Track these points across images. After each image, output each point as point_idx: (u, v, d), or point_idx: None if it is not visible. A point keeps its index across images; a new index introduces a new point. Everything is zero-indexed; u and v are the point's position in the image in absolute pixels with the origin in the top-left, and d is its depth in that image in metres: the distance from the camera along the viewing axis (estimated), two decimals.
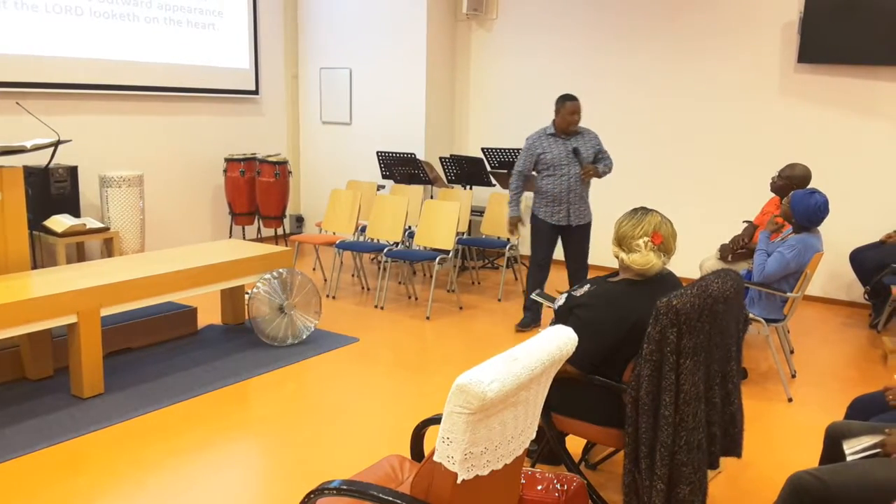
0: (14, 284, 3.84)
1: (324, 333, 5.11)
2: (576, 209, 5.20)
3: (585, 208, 5.27)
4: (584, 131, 5.19)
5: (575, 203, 5.19)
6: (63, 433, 3.51)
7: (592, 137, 5.20)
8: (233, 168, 7.49)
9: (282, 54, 8.32)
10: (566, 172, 5.11)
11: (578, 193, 5.18)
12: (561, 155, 5.12)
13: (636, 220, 2.75)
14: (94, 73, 6.56)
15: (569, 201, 5.17)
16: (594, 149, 5.18)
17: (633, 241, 2.72)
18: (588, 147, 5.16)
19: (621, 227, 2.76)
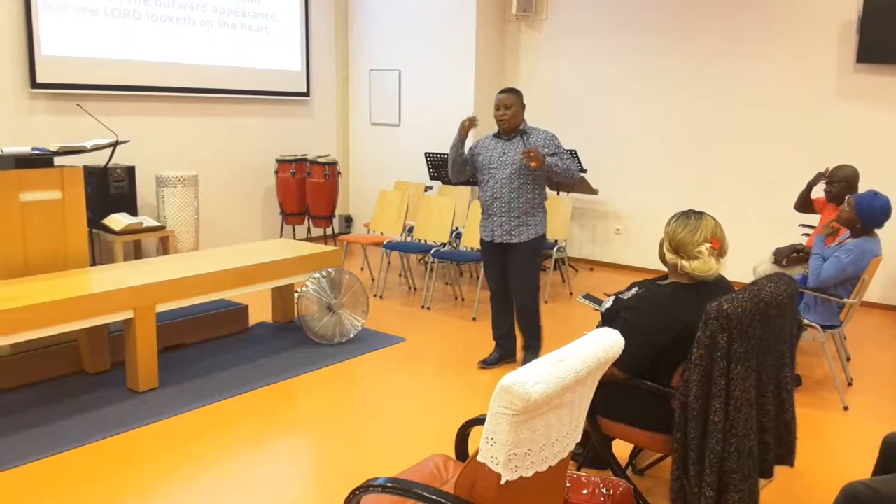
0: (73, 281, 3.97)
1: (371, 333, 5.16)
2: (502, 222, 4.25)
3: (519, 222, 4.24)
4: (533, 131, 4.24)
5: (501, 214, 4.25)
6: (118, 426, 3.62)
7: (545, 137, 4.23)
8: (284, 169, 7.61)
9: (333, 56, 8.43)
10: (492, 177, 4.25)
11: (506, 202, 4.22)
12: (492, 157, 4.27)
13: (692, 225, 2.68)
14: (151, 76, 6.74)
15: (493, 212, 4.28)
16: (544, 150, 4.18)
17: (693, 249, 2.66)
18: (540, 146, 4.21)
19: (677, 234, 2.69)
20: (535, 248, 4.31)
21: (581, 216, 7.66)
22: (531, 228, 4.26)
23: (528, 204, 4.24)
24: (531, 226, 4.26)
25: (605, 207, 7.52)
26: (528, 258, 4.30)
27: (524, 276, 4.32)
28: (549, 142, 4.22)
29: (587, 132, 7.53)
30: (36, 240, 4.12)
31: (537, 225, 4.29)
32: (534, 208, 4.26)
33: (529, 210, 4.24)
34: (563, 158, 4.21)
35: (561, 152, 4.22)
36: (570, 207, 6.48)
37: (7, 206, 4.00)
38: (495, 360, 4.59)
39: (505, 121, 4.18)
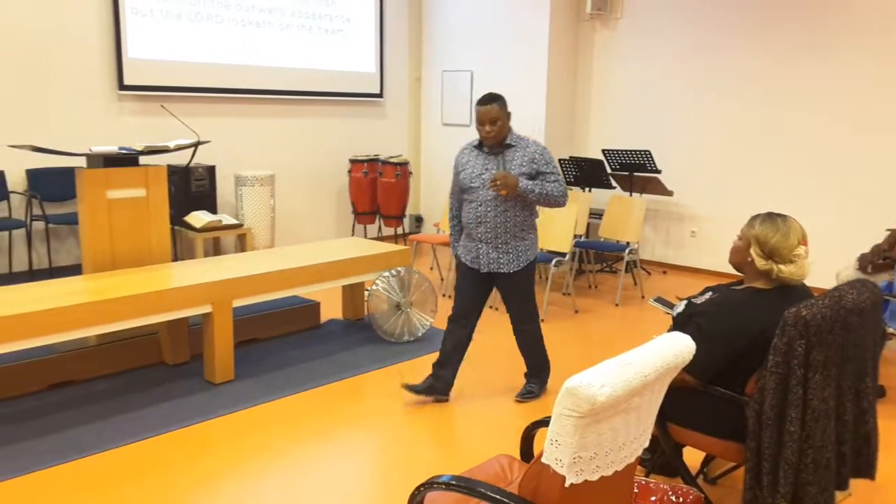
0: (156, 275, 4.14)
1: (439, 332, 5.18)
2: (488, 251, 3.76)
3: (507, 249, 3.75)
4: (520, 143, 3.73)
5: (487, 241, 3.75)
6: (195, 416, 3.75)
7: (532, 152, 3.70)
8: (356, 169, 7.74)
9: (406, 58, 8.52)
10: (475, 198, 3.75)
11: (491, 227, 3.72)
12: (473, 175, 3.76)
13: (783, 229, 2.62)
14: (231, 78, 6.96)
15: (478, 237, 3.78)
16: (529, 167, 3.69)
17: (789, 252, 2.60)
18: (519, 164, 3.69)
19: (770, 239, 2.61)
20: (528, 274, 3.85)
21: (654, 218, 7.51)
22: (522, 255, 3.77)
23: (517, 227, 3.73)
24: (521, 252, 3.77)
25: (680, 209, 7.35)
26: (523, 287, 3.86)
27: (524, 305, 3.91)
28: (537, 156, 3.69)
29: (661, 132, 7.38)
30: (122, 236, 4.31)
31: (528, 250, 3.80)
32: (523, 231, 3.77)
33: (518, 234, 3.75)
34: (548, 180, 3.67)
35: (547, 171, 3.69)
36: (643, 209, 6.36)
37: (96, 203, 4.20)
38: (423, 388, 3.95)
39: (492, 137, 3.68)
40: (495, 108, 3.64)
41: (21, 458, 3.27)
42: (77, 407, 3.83)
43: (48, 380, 4.04)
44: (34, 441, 3.44)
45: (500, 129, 3.68)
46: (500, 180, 3.56)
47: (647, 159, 6.78)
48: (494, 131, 3.66)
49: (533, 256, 3.85)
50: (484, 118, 3.65)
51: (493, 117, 3.64)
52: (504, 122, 3.69)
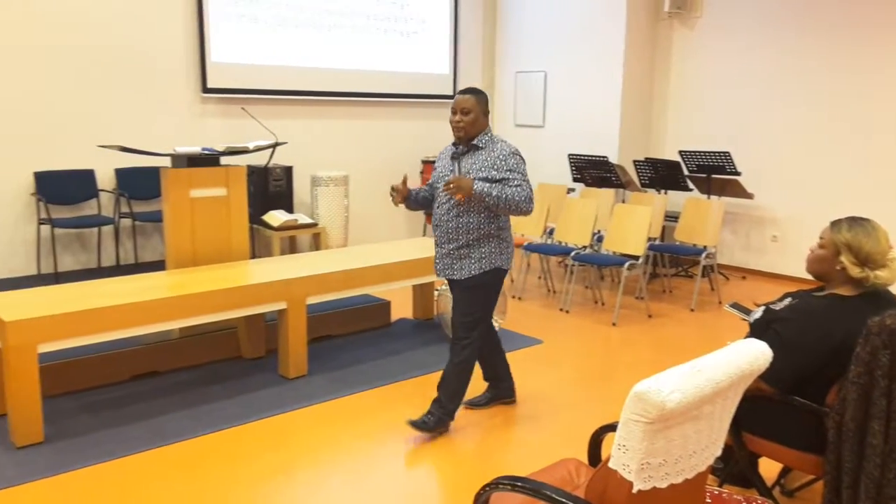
0: (235, 272, 4.28)
1: (508, 333, 5.18)
2: (443, 255, 3.52)
3: (460, 255, 3.46)
4: (489, 146, 3.43)
5: (441, 245, 3.52)
6: (270, 409, 3.86)
7: (496, 156, 3.39)
8: (428, 170, 7.80)
9: (479, 59, 8.54)
10: (439, 200, 3.53)
11: (444, 231, 3.47)
12: (440, 174, 3.55)
13: (873, 234, 2.54)
14: (308, 81, 7.13)
15: (437, 241, 3.56)
16: (489, 172, 3.36)
17: (883, 257, 2.52)
18: (483, 167, 3.38)
19: (864, 245, 2.52)
20: (479, 285, 3.47)
21: (734, 221, 7.30)
22: (475, 264, 3.44)
23: (471, 233, 3.41)
24: (475, 260, 3.44)
25: (760, 213, 7.12)
26: (467, 297, 3.50)
27: (461, 318, 3.53)
28: (499, 162, 3.37)
29: (742, 134, 7.16)
30: (203, 233, 4.47)
31: (483, 259, 3.44)
32: (480, 239, 3.43)
33: (474, 242, 3.43)
34: (511, 184, 3.34)
35: (511, 177, 3.35)
36: (722, 212, 6.19)
37: (180, 201, 4.37)
38: (484, 400, 3.97)
39: (461, 128, 3.40)
40: (471, 99, 3.40)
41: (109, 444, 3.44)
42: (161, 397, 3.99)
43: (134, 370, 4.22)
44: (122, 428, 3.61)
45: (471, 124, 3.40)
46: (454, 183, 3.27)
47: (727, 161, 6.59)
48: (464, 122, 3.39)
49: (489, 267, 3.45)
50: (457, 107, 3.42)
51: (465, 107, 3.39)
52: (476, 117, 3.41)
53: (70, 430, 3.56)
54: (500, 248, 3.50)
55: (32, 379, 3.36)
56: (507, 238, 3.55)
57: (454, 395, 3.61)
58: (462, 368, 3.59)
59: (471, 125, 3.41)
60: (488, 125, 3.50)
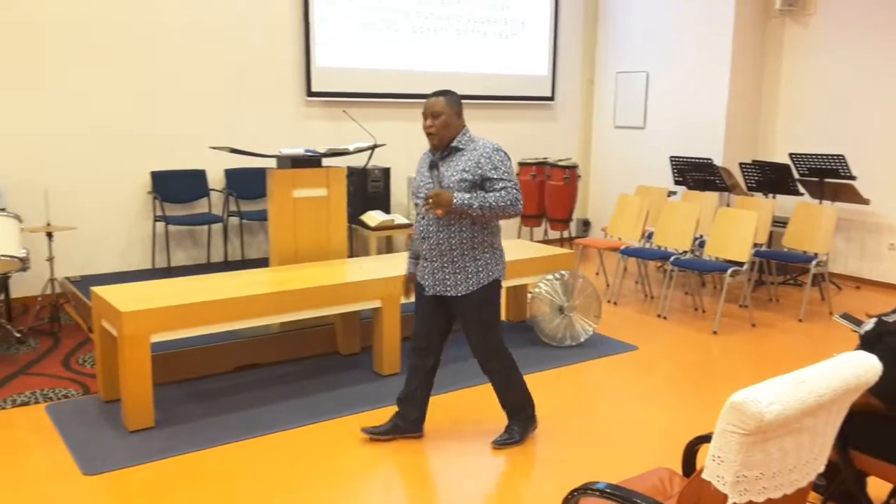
0: (333, 270, 4.40)
1: (602, 338, 5.10)
2: (434, 270, 3.29)
3: (454, 269, 3.25)
4: (469, 146, 3.24)
5: (432, 259, 3.28)
6: (364, 404, 3.95)
7: (478, 155, 3.19)
8: (525, 172, 7.77)
9: (579, 60, 8.44)
10: (421, 210, 3.31)
11: (434, 244, 3.25)
12: (420, 183, 3.35)
13: None
14: (407, 84, 7.25)
15: (425, 255, 3.33)
16: (473, 173, 3.17)
17: None
18: (457, 171, 3.20)
19: None
20: (484, 299, 3.29)
21: (848, 228, 6.91)
22: (472, 277, 3.24)
23: (464, 245, 3.22)
24: (472, 273, 3.24)
25: (877, 219, 6.71)
26: (478, 314, 3.31)
27: (483, 337, 3.34)
28: (482, 160, 3.17)
29: (856, 136, 6.77)
30: (304, 232, 4.63)
31: (480, 271, 3.25)
32: (474, 249, 3.23)
33: (467, 253, 3.23)
34: (495, 188, 3.14)
35: (494, 177, 3.16)
36: (834, 218, 5.87)
37: (283, 201, 4.54)
38: (384, 430, 3.52)
39: (433, 133, 3.21)
40: (440, 101, 3.20)
41: (213, 430, 3.61)
42: (261, 388, 4.16)
43: (237, 362, 4.42)
44: (225, 416, 3.78)
45: (443, 127, 3.21)
46: (433, 199, 3.11)
47: (841, 164, 6.25)
48: (435, 127, 3.20)
49: (488, 279, 3.27)
50: (427, 111, 3.22)
51: (435, 111, 3.20)
52: (448, 120, 3.21)
53: (178, 417, 3.76)
54: (496, 258, 3.32)
55: (145, 367, 3.56)
56: (499, 246, 3.37)
57: (521, 405, 3.52)
58: (508, 381, 3.46)
59: (443, 128, 3.22)
60: (464, 125, 3.29)
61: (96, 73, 5.79)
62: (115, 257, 6.07)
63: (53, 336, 4.92)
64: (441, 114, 3.21)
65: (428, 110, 3.23)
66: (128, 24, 5.88)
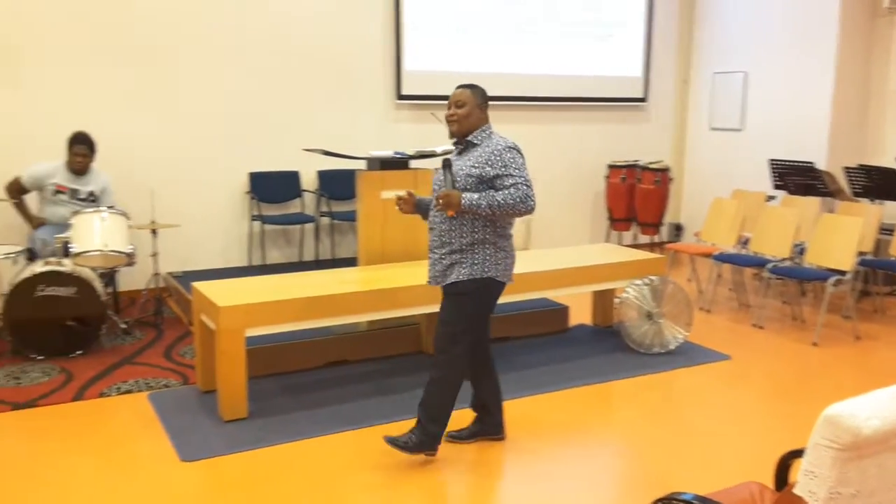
0: (419, 270, 4.42)
1: (693, 346, 4.96)
2: (434, 260, 3.29)
3: (451, 261, 3.21)
4: (484, 141, 3.23)
5: (433, 250, 3.29)
6: None
7: (489, 151, 3.18)
8: (614, 174, 7.65)
9: (674, 60, 8.24)
10: (433, 199, 3.32)
11: (437, 235, 3.27)
12: (438, 177, 3.36)
13: None
14: (494, 86, 7.24)
15: (431, 246, 3.33)
16: (482, 169, 3.15)
17: None
18: (471, 165, 3.19)
19: None
20: (464, 293, 3.20)
21: None
22: (464, 269, 3.18)
23: (463, 240, 3.18)
24: (464, 266, 3.18)
25: None
26: (449, 305, 3.25)
27: (442, 328, 3.26)
28: (493, 157, 3.15)
29: None
30: (392, 232, 4.71)
31: (475, 266, 3.18)
32: (475, 244, 3.19)
33: (467, 247, 3.19)
34: (504, 184, 3.12)
35: (504, 174, 3.13)
36: None
37: (371, 202, 4.64)
38: (466, 434, 3.57)
39: (454, 121, 3.25)
40: (465, 92, 3.25)
41: (303, 423, 3.73)
42: (350, 384, 4.26)
43: (327, 357, 4.54)
44: (315, 410, 3.90)
45: (465, 116, 3.23)
46: (443, 199, 3.11)
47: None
48: (458, 115, 3.22)
49: (480, 275, 3.18)
50: (451, 100, 3.26)
51: (459, 100, 3.24)
52: (471, 110, 3.23)
53: (270, 409, 3.90)
54: (497, 258, 3.23)
55: (240, 360, 3.72)
56: (505, 247, 3.27)
57: (434, 418, 3.29)
58: (440, 387, 3.27)
59: (464, 118, 3.23)
60: (487, 122, 3.30)
61: (201, 77, 6.08)
62: (214, 254, 6.35)
63: (156, 328, 5.19)
64: (465, 104, 3.24)
65: (452, 100, 3.26)
66: (232, 29, 6.14)
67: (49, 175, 5.13)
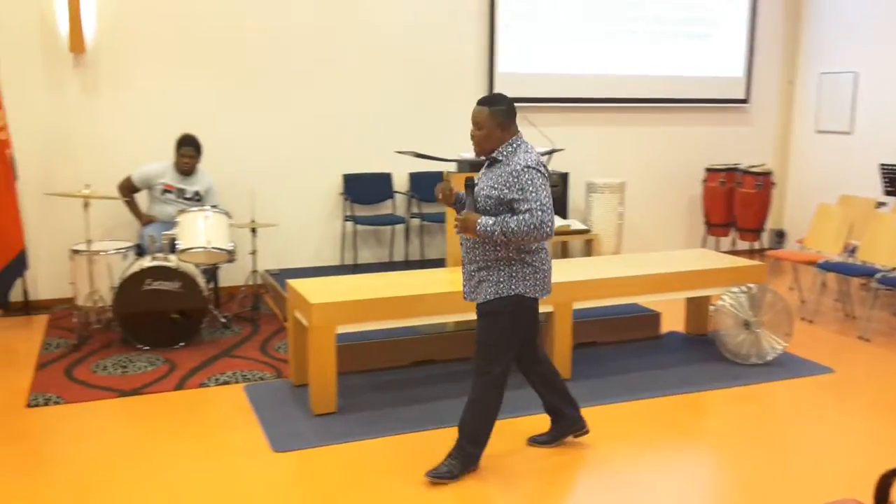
0: None
1: (792, 358, 4.75)
2: (468, 274, 3.22)
3: (480, 278, 3.15)
4: (507, 159, 3.09)
5: (466, 264, 3.23)
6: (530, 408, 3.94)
7: (508, 172, 3.05)
8: (712, 178, 7.42)
9: (778, 60, 7.91)
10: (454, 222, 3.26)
11: (466, 251, 3.21)
12: None
13: None
14: (587, 88, 7.17)
15: (462, 260, 3.28)
16: (498, 192, 3.05)
17: None
18: (487, 186, 3.11)
19: None
20: (495, 312, 3.13)
21: None
22: (491, 287, 3.12)
23: (486, 255, 3.12)
24: (491, 284, 3.12)
25: None
26: (485, 323, 3.17)
27: (479, 350, 3.20)
28: (511, 179, 3.02)
29: None
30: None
31: (501, 283, 3.11)
32: (498, 262, 3.11)
33: (491, 263, 3.12)
34: (519, 209, 2.99)
35: (518, 198, 3.00)
36: None
37: None
38: (547, 439, 3.56)
39: (475, 143, 3.16)
40: (483, 112, 3.09)
41: (390, 420, 3.81)
42: (436, 384, 4.31)
43: (414, 356, 4.61)
44: (401, 408, 3.96)
45: (484, 139, 3.11)
46: (460, 223, 3.08)
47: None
48: (477, 137, 3.13)
49: (507, 293, 3.10)
50: (472, 118, 3.15)
51: (477, 121, 3.12)
52: (489, 132, 3.10)
53: (359, 405, 3.99)
54: (524, 273, 3.13)
55: (330, 356, 3.82)
56: (533, 262, 3.14)
57: (474, 439, 3.26)
58: (480, 409, 3.22)
59: (484, 140, 3.12)
60: (513, 134, 3.14)
61: (298, 83, 6.28)
62: (309, 253, 6.55)
63: (253, 323, 5.41)
64: (483, 126, 3.12)
65: (473, 119, 3.15)
66: (327, 35, 6.32)
67: (158, 175, 5.43)
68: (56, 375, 4.36)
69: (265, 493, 3.12)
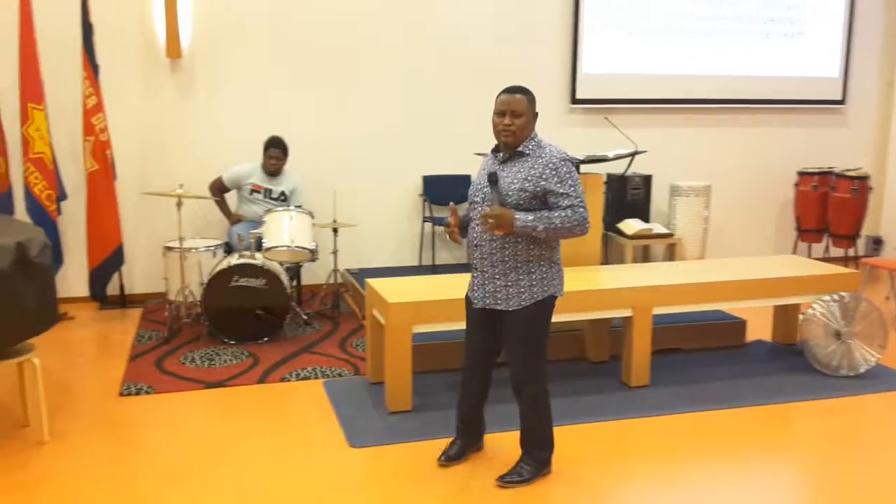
0: (584, 276, 4.41)
1: (887, 371, 4.50)
2: (484, 281, 3.05)
3: (506, 282, 3.00)
4: (535, 153, 2.98)
5: (483, 270, 3.04)
6: (609, 413, 3.91)
7: (543, 164, 2.94)
8: (805, 182, 7.12)
9: (878, 60, 7.52)
10: (475, 214, 3.08)
11: (487, 253, 3.01)
12: (478, 185, 3.11)
13: None
14: (673, 89, 7.00)
15: (474, 264, 3.08)
16: (535, 184, 2.93)
17: None
18: (517, 179, 2.96)
19: None
20: (535, 316, 3.02)
21: None
22: (524, 292, 2.98)
23: (518, 257, 2.97)
24: (525, 287, 2.98)
25: None
26: (524, 332, 3.04)
27: (525, 357, 3.08)
28: (547, 171, 2.92)
29: None
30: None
31: (534, 286, 2.99)
32: (529, 262, 2.98)
33: (521, 266, 2.98)
34: (560, 205, 2.90)
35: (560, 191, 2.90)
36: None
37: None
38: (455, 454, 3.36)
39: (511, 133, 2.97)
40: (523, 100, 2.98)
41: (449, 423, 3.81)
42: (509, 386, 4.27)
43: None
44: None
45: (522, 128, 2.98)
46: (494, 219, 2.87)
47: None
48: (515, 127, 2.97)
49: (543, 295, 3.01)
50: (505, 108, 2.98)
51: (516, 109, 2.97)
52: (528, 122, 3.00)
53: (433, 404, 4.01)
54: (553, 272, 3.05)
55: (406, 355, 3.87)
56: (558, 261, 3.09)
57: (542, 444, 3.21)
58: (537, 417, 3.17)
59: (521, 130, 2.99)
60: (535, 129, 3.05)
61: (379, 85, 6.39)
62: (388, 253, 6.64)
63: (333, 321, 5.53)
64: (523, 114, 3.00)
65: (508, 107, 3.00)
66: (407, 38, 6.39)
67: (247, 175, 5.62)
68: (147, 366, 4.58)
69: (341, 488, 3.19)
